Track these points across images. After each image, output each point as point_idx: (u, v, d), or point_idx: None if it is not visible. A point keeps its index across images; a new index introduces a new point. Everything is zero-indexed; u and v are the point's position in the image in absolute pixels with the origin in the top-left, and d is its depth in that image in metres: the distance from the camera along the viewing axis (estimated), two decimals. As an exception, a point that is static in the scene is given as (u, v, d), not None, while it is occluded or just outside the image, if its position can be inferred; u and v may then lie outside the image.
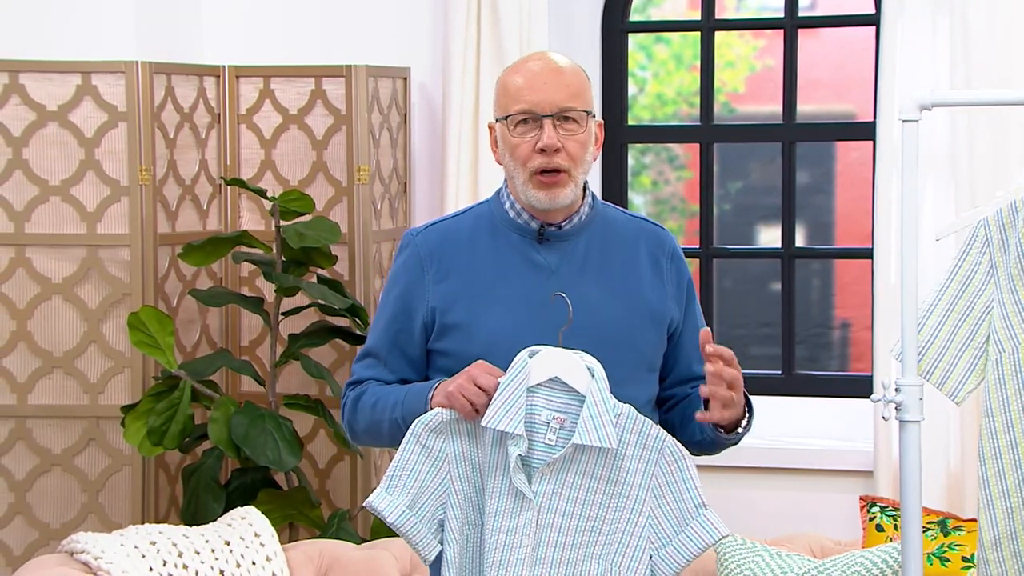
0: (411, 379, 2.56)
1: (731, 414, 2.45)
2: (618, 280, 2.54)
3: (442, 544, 2.41)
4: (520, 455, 2.36)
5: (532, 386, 2.38)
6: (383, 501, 2.40)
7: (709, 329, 2.49)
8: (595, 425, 2.35)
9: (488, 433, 2.39)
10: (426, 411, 2.43)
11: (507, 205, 2.57)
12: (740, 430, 2.53)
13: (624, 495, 2.38)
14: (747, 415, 2.53)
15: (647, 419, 2.41)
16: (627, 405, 2.39)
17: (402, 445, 2.42)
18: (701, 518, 2.38)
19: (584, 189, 2.57)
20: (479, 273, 2.52)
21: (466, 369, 2.42)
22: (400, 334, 2.55)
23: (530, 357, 2.38)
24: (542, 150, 2.47)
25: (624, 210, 2.67)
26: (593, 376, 2.36)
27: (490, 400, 2.37)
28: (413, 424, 2.41)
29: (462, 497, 2.41)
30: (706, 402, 2.47)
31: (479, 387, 2.38)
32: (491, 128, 2.57)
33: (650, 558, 2.38)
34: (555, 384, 2.39)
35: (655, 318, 2.55)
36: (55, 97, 3.86)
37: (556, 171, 2.48)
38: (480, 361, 2.42)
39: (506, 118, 2.50)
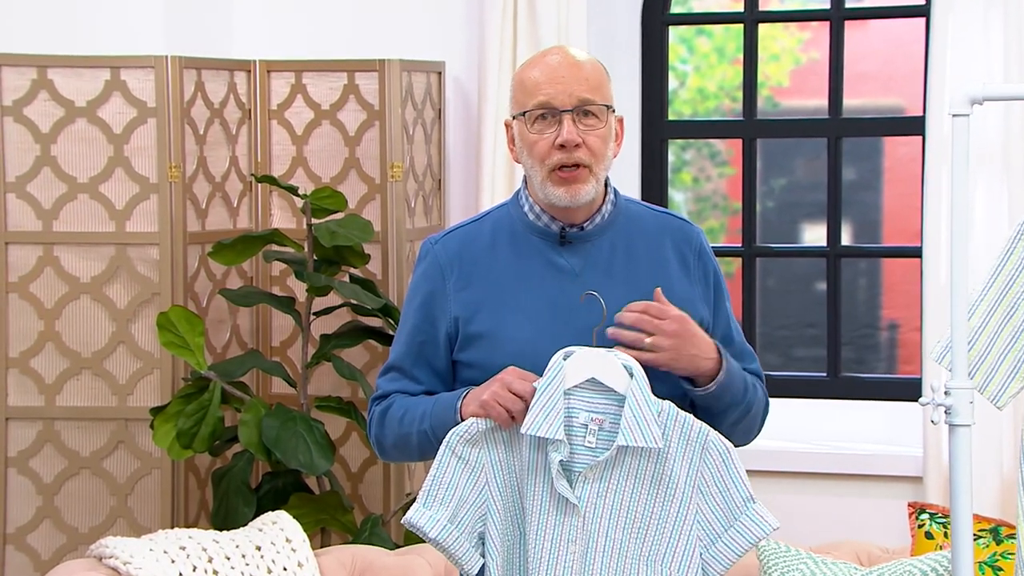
0: (438, 391, 2.54)
1: (657, 358, 2.40)
2: (645, 282, 2.51)
3: (484, 557, 2.42)
4: (562, 460, 2.37)
5: (568, 388, 2.38)
6: (422, 517, 2.40)
7: (660, 289, 2.45)
8: (639, 425, 2.35)
9: (525, 439, 2.39)
10: (457, 421, 2.43)
11: (526, 208, 2.55)
12: (713, 386, 2.46)
13: (670, 494, 2.38)
14: (721, 370, 2.47)
15: (688, 414, 2.41)
16: (667, 401, 2.39)
17: (437, 458, 2.42)
18: (751, 512, 2.38)
19: (606, 186, 2.55)
20: (501, 280, 2.51)
21: (498, 376, 2.41)
22: (424, 345, 2.54)
23: (564, 359, 2.39)
24: (561, 146, 2.46)
25: (648, 205, 2.64)
26: (632, 376, 2.37)
27: (527, 406, 2.38)
28: (447, 436, 2.41)
29: (501, 507, 2.41)
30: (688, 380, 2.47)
31: (514, 393, 2.38)
32: (507, 126, 2.55)
33: (700, 556, 2.39)
34: (591, 385, 2.39)
35: None
36: (83, 92, 3.89)
37: (576, 166, 2.47)
38: (512, 367, 2.41)
39: (523, 114, 2.48)
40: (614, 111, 2.51)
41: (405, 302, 2.59)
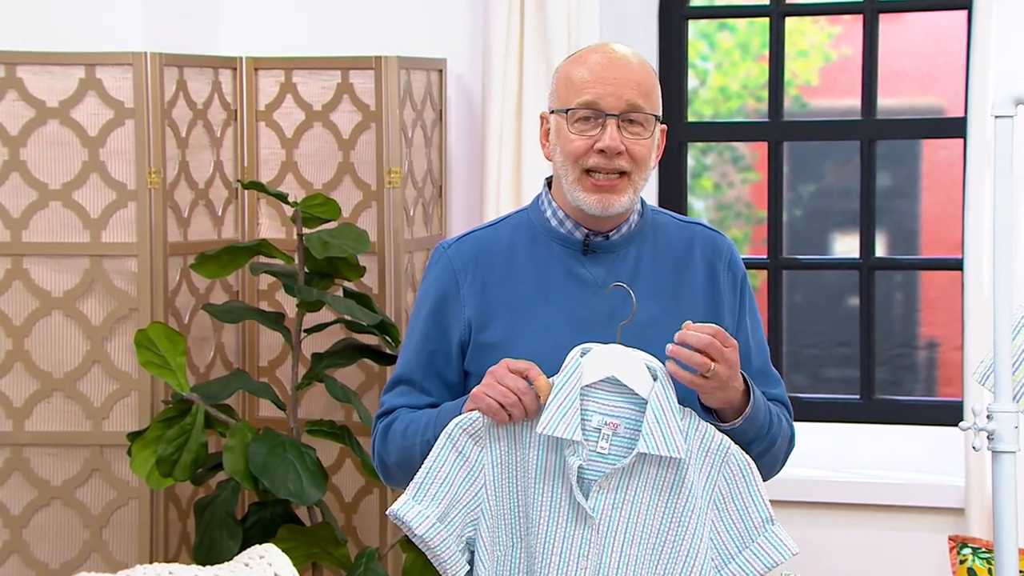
0: None
1: (706, 385, 2.39)
2: (671, 295, 2.54)
3: (471, 564, 2.42)
4: (581, 465, 2.37)
5: (583, 388, 2.39)
6: (411, 511, 2.40)
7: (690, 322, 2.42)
8: (662, 432, 2.35)
9: (532, 440, 2.40)
10: None
11: (548, 213, 2.57)
12: (740, 421, 2.46)
13: (688, 509, 2.39)
14: (749, 403, 2.47)
15: (710, 425, 2.43)
16: (688, 409, 2.42)
17: (435, 449, 2.42)
18: (768, 534, 2.39)
19: None
20: (517, 288, 2.53)
21: (490, 369, 2.43)
22: (435, 355, 2.56)
23: (582, 356, 2.39)
24: (601, 151, 2.48)
25: (676, 215, 2.67)
26: (656, 379, 2.37)
27: (519, 400, 2.38)
28: (449, 427, 2.42)
29: (495, 513, 2.42)
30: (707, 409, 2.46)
31: (506, 387, 2.39)
32: (543, 119, 2.57)
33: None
34: (608, 386, 2.39)
35: None
36: (56, 92, 3.90)
37: (617, 174, 2.49)
38: (505, 359, 2.43)
39: (566, 111, 2.51)
40: (660, 121, 2.53)
41: (413, 310, 2.61)
